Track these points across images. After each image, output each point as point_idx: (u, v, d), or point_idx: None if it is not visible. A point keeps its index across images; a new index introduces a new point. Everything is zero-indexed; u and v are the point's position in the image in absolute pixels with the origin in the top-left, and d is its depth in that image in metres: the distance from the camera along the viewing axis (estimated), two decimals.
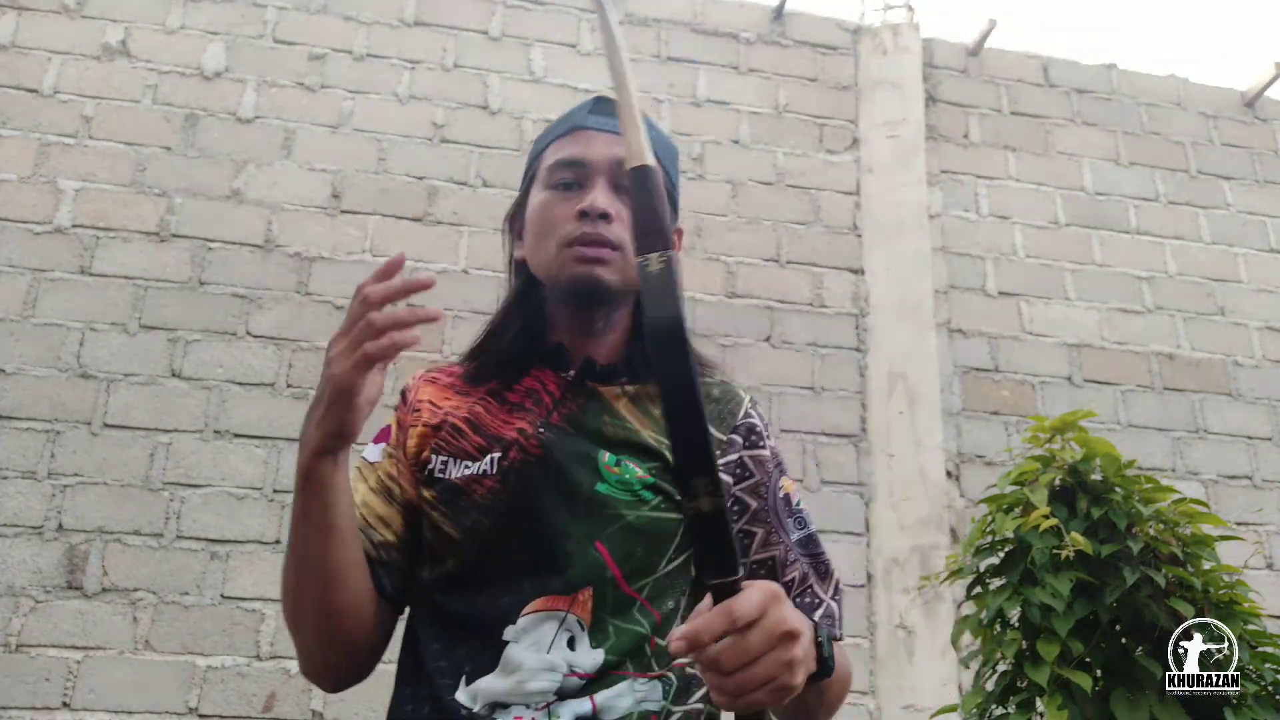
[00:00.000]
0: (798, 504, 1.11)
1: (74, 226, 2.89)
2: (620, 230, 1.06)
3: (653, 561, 1.00)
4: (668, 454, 1.03)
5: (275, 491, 2.73)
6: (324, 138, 3.13)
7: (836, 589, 1.09)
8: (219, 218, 2.98)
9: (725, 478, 1.06)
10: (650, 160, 0.81)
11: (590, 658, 0.95)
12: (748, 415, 1.10)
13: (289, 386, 2.84)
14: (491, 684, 0.94)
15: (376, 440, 1.12)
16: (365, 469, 1.10)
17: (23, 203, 2.89)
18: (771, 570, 1.06)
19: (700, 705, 1.00)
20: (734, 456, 1.08)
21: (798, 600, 1.05)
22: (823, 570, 1.09)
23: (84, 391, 2.74)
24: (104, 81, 3.06)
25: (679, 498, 1.01)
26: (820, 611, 1.06)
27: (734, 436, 1.09)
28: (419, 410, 1.10)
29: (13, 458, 2.64)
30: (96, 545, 2.61)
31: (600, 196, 1.06)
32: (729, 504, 1.05)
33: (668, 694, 0.97)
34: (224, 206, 3.00)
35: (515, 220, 1.18)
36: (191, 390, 2.79)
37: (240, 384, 2.82)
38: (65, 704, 2.46)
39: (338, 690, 1.05)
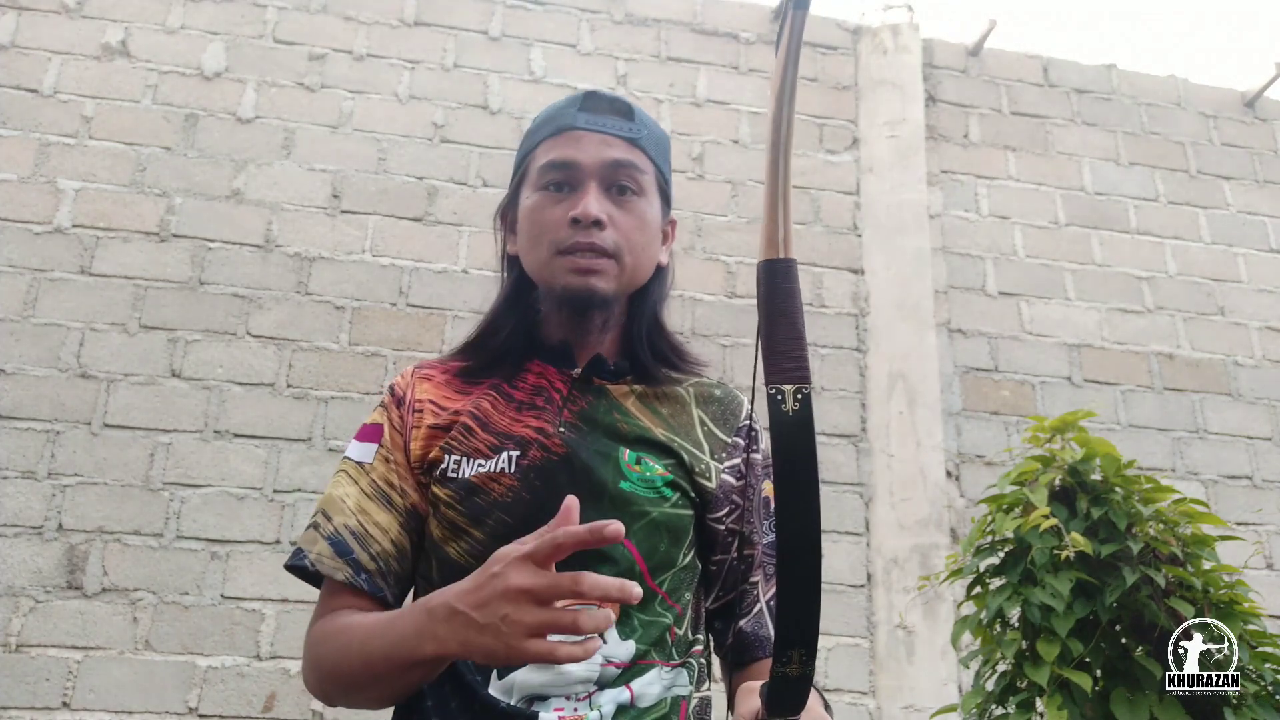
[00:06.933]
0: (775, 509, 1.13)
1: (74, 226, 2.89)
2: (614, 236, 1.05)
3: (673, 556, 1.02)
4: (682, 452, 1.06)
5: (275, 491, 2.73)
6: (324, 138, 3.13)
7: None
8: (219, 218, 2.98)
9: (728, 479, 1.09)
10: (791, 252, 0.74)
11: (623, 648, 0.97)
12: (748, 417, 1.13)
13: (289, 386, 2.84)
14: (528, 677, 0.95)
15: (363, 438, 1.09)
16: (355, 471, 1.06)
17: (23, 203, 2.89)
18: (749, 566, 1.10)
19: (709, 693, 1.05)
20: (737, 460, 1.10)
21: (770, 602, 1.09)
22: None
23: (84, 391, 2.74)
24: (104, 81, 3.06)
25: (694, 495, 1.05)
26: None
27: (737, 439, 1.12)
28: (420, 411, 1.08)
29: (13, 458, 2.64)
30: (96, 545, 2.61)
31: (593, 202, 1.04)
32: (726, 508, 1.08)
33: (692, 679, 1.02)
34: (224, 206, 3.00)
35: (507, 215, 1.17)
36: (191, 390, 2.79)
37: (240, 384, 2.82)
38: (65, 704, 2.46)
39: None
